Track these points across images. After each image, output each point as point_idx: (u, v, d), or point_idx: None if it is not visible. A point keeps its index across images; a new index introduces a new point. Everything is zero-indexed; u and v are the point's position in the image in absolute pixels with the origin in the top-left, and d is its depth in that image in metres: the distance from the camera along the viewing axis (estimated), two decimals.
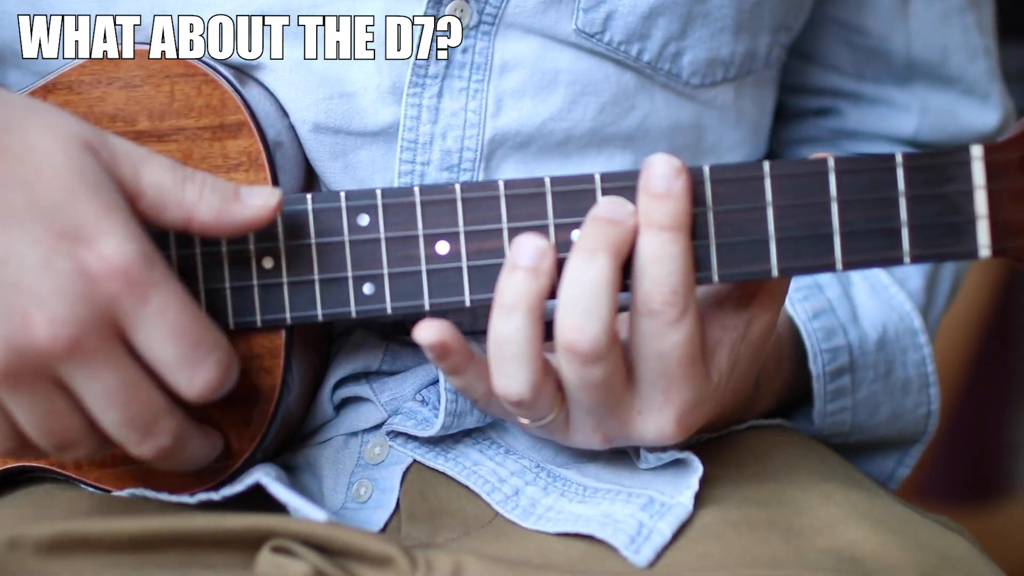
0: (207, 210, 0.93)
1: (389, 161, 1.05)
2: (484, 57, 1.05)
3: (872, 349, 1.15)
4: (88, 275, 0.89)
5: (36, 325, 0.89)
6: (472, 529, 1.02)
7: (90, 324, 0.89)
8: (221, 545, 0.96)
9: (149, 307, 0.90)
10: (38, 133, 0.91)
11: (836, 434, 1.17)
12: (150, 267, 0.90)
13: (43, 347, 0.89)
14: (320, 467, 1.08)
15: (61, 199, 0.89)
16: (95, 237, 0.89)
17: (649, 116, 1.09)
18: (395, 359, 1.09)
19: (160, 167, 0.93)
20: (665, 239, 0.94)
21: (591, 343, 0.92)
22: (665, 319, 0.94)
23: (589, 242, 0.94)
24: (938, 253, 0.97)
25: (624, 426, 0.97)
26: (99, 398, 0.91)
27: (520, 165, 1.06)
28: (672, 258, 0.94)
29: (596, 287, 0.93)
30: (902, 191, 0.96)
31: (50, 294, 0.88)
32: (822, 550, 0.96)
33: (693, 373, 0.95)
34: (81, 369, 0.90)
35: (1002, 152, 0.96)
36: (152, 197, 0.93)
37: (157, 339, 0.91)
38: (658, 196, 0.94)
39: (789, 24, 1.16)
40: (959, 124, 1.26)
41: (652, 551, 0.96)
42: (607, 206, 0.95)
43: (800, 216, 0.96)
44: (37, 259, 0.89)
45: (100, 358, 0.90)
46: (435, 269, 0.98)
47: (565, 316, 0.93)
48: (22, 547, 0.94)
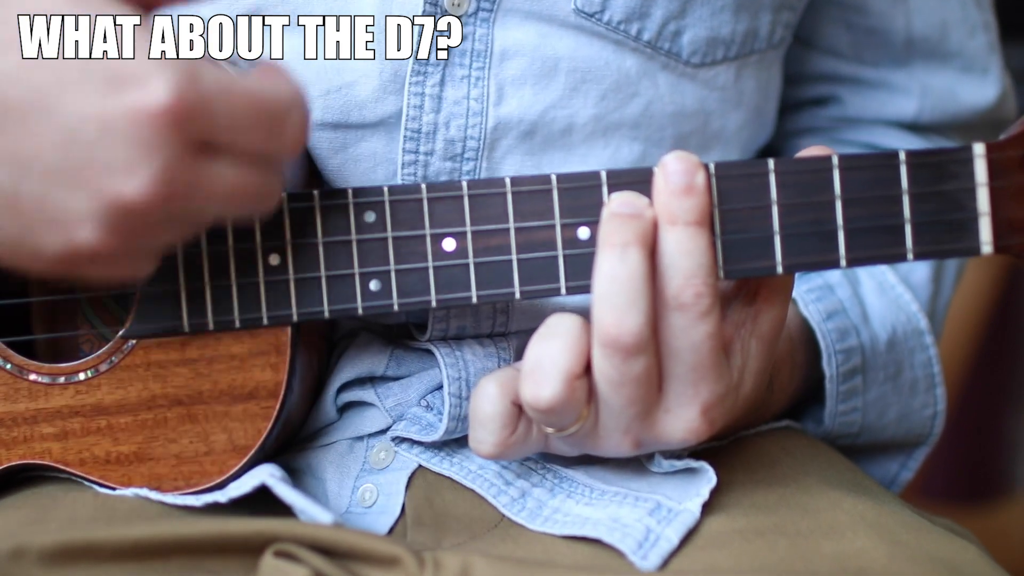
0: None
1: (391, 152, 1.05)
2: (484, 44, 1.05)
3: (883, 350, 1.16)
4: (150, 123, 0.86)
5: (126, 195, 0.87)
6: (478, 533, 1.02)
7: (175, 165, 0.87)
8: (225, 550, 0.96)
9: (218, 120, 0.88)
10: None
11: (844, 435, 1.17)
12: (201, 86, 0.87)
13: (144, 211, 0.87)
14: (323, 470, 1.08)
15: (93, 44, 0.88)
16: (141, 80, 0.87)
17: (653, 102, 1.09)
18: (400, 364, 1.09)
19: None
20: (691, 233, 0.95)
21: (635, 336, 0.93)
22: (697, 311, 0.94)
23: (617, 238, 0.94)
24: (940, 250, 0.98)
25: (653, 426, 0.97)
26: (217, 205, 0.90)
27: (525, 156, 1.06)
28: (701, 251, 0.95)
29: (633, 280, 0.93)
30: (905, 188, 0.97)
31: (123, 160, 0.87)
32: (829, 558, 0.96)
33: (720, 363, 0.96)
34: (189, 205, 0.89)
35: (1004, 150, 0.97)
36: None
37: (240, 138, 0.89)
38: (680, 192, 0.95)
39: (792, 2, 1.16)
40: (958, 103, 1.27)
41: (659, 557, 0.96)
42: (624, 201, 0.96)
43: (804, 213, 0.97)
44: (95, 127, 0.87)
45: (200, 186, 0.88)
46: (442, 266, 0.98)
47: (605, 312, 0.93)
48: (25, 557, 0.94)
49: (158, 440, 1.01)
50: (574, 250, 0.97)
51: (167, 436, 1.01)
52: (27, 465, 1.03)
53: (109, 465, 1.02)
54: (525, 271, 0.98)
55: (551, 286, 0.98)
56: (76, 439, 1.02)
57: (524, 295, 0.98)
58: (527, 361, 0.95)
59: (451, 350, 1.06)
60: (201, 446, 1.01)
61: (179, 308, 0.99)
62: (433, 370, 1.08)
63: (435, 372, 1.08)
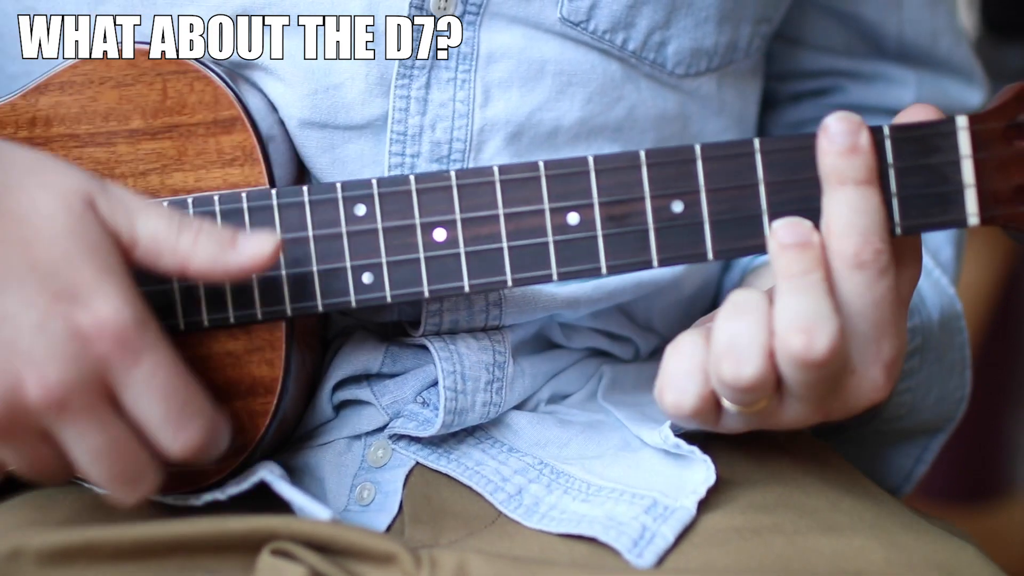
0: (202, 257, 0.94)
1: (378, 154, 1.05)
2: (470, 47, 1.05)
3: (936, 331, 1.17)
4: (81, 336, 0.90)
5: (28, 384, 0.89)
6: (475, 530, 1.02)
7: (80, 385, 0.90)
8: (223, 549, 0.96)
9: (140, 369, 0.91)
10: (38, 192, 0.92)
11: (893, 417, 1.17)
12: (143, 330, 0.91)
13: (33, 406, 0.90)
14: (321, 469, 1.08)
15: (59, 261, 0.90)
16: (90, 299, 0.90)
17: (636, 107, 1.10)
18: (395, 360, 1.09)
19: (157, 216, 0.94)
20: (864, 192, 0.95)
21: (828, 349, 0.91)
22: (878, 267, 0.94)
23: (797, 267, 0.93)
24: (928, 223, 0.98)
25: (841, 391, 0.96)
26: (86, 454, 0.92)
27: (511, 157, 1.07)
28: (875, 209, 0.95)
29: (818, 298, 0.92)
30: (890, 163, 0.97)
31: (43, 355, 0.89)
32: (827, 558, 0.96)
33: (900, 318, 0.96)
34: (70, 428, 0.91)
35: (987, 122, 0.98)
36: (147, 246, 0.94)
37: (145, 400, 0.91)
38: (847, 152, 0.95)
39: (770, 15, 1.17)
40: (950, 100, 1.28)
41: (655, 555, 0.96)
42: (790, 230, 0.95)
43: (792, 191, 0.97)
44: (32, 320, 0.90)
45: (88, 417, 0.90)
46: (433, 256, 0.98)
47: (791, 329, 0.91)
48: (23, 558, 0.94)
49: None
50: (564, 236, 0.98)
51: None
52: None
53: None
54: (516, 258, 0.98)
55: (543, 272, 0.98)
56: None
57: (516, 282, 0.98)
58: (719, 341, 0.92)
59: (445, 344, 1.06)
60: None
61: (174, 306, 0.99)
62: (428, 366, 1.08)
63: (430, 368, 1.08)
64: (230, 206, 0.99)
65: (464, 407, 1.05)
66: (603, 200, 0.98)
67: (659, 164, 0.98)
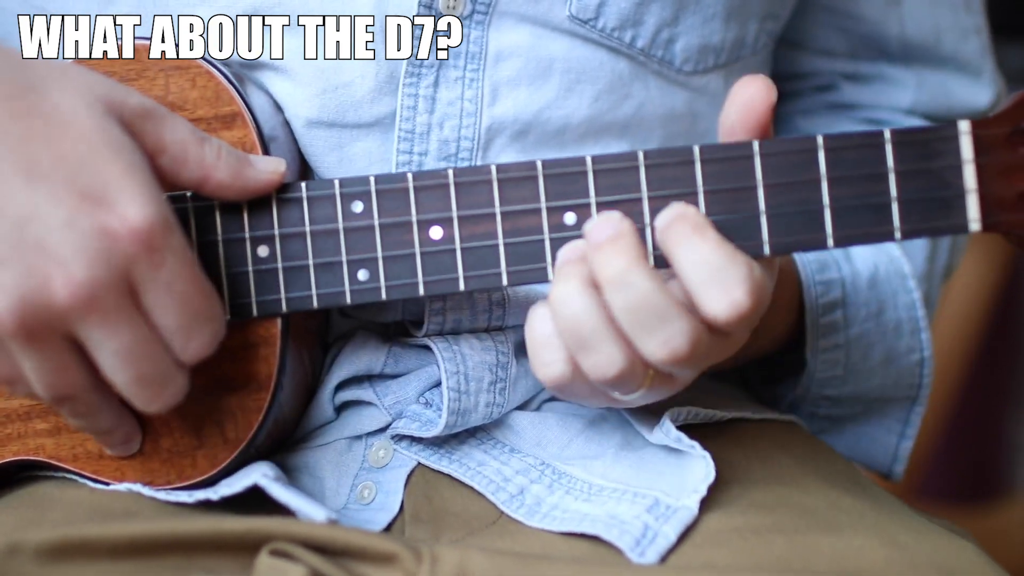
0: (224, 170, 0.96)
1: (386, 152, 1.05)
2: (479, 46, 1.05)
3: (864, 286, 1.16)
4: (109, 236, 0.90)
5: (56, 284, 0.89)
6: (476, 530, 1.02)
7: (108, 284, 0.90)
8: (220, 549, 0.96)
9: (162, 272, 0.91)
10: (63, 93, 0.92)
11: (831, 378, 1.17)
12: (168, 233, 0.91)
13: (61, 305, 0.90)
14: (321, 469, 1.08)
15: (86, 159, 0.90)
16: (117, 199, 0.90)
17: (644, 104, 1.10)
18: (397, 361, 1.09)
19: (183, 124, 0.95)
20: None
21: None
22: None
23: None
24: (928, 227, 0.97)
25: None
26: (112, 356, 0.92)
27: (518, 155, 1.07)
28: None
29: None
30: (891, 167, 0.97)
31: (71, 254, 0.89)
32: (827, 557, 0.96)
33: (736, 256, 0.94)
34: (97, 328, 0.91)
35: (990, 127, 0.97)
36: (174, 153, 0.94)
37: (164, 305, 0.92)
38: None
39: (776, 12, 1.17)
40: (953, 100, 1.28)
41: (657, 554, 0.96)
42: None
43: (790, 194, 0.97)
44: (60, 219, 0.89)
45: (115, 317, 0.91)
46: (429, 253, 0.98)
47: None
48: (21, 554, 0.94)
49: (150, 434, 1.01)
50: (560, 234, 0.97)
51: (159, 430, 1.01)
52: (21, 462, 1.03)
53: (102, 460, 1.02)
54: (512, 256, 0.98)
55: (538, 267, 0.98)
56: (69, 435, 1.02)
57: (512, 281, 0.98)
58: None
59: (448, 345, 1.06)
60: (193, 440, 1.01)
61: None
62: (431, 367, 1.08)
63: (433, 369, 1.08)
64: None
65: (467, 407, 1.05)
66: (600, 200, 0.98)
67: (658, 165, 0.97)
